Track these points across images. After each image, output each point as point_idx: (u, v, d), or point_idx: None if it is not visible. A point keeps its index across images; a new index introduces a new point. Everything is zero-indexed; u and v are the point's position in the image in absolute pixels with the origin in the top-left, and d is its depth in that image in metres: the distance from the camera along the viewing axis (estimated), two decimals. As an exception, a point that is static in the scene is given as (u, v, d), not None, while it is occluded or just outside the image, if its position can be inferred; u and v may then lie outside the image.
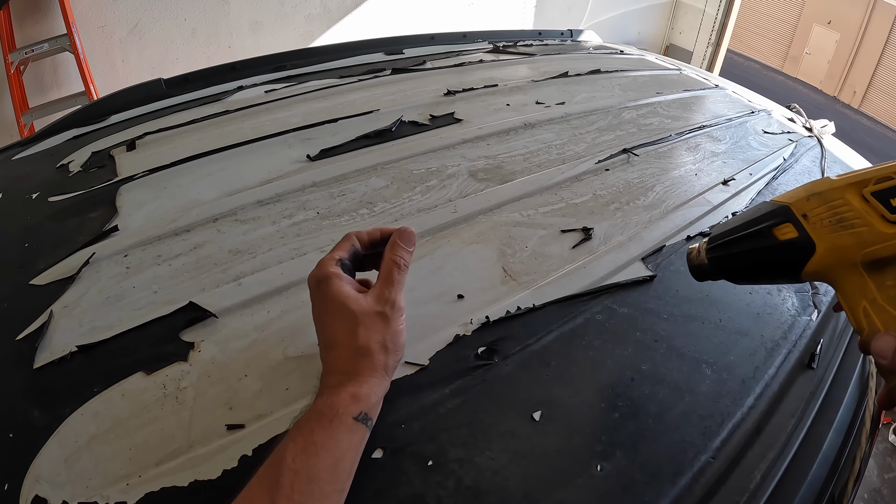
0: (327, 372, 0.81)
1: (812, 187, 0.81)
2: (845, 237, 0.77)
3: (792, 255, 0.82)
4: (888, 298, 0.76)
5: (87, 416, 0.82)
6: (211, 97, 1.85)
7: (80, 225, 1.21)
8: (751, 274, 0.90)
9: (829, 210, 0.78)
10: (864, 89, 17.69)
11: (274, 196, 1.28)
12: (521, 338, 0.99)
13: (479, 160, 1.50)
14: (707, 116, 2.02)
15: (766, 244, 0.83)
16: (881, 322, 0.76)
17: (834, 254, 0.78)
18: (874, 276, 0.77)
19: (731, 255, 0.88)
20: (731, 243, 0.88)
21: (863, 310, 0.78)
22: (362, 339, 0.81)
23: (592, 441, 0.85)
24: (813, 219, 0.79)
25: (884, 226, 0.74)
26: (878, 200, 0.74)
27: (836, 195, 0.78)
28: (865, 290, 0.78)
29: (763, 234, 0.84)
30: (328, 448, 0.71)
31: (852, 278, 0.78)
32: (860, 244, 0.76)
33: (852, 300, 0.79)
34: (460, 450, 0.81)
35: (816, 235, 0.79)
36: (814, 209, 0.79)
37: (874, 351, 0.75)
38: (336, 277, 0.84)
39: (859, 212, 0.76)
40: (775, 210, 0.83)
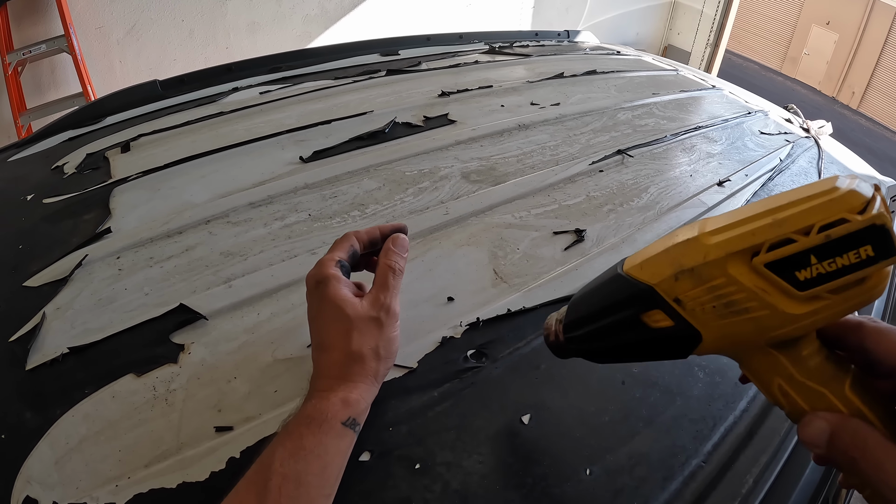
0: (318, 375, 0.81)
1: (678, 259, 0.62)
2: (739, 324, 0.60)
3: (672, 343, 0.66)
4: (807, 372, 0.62)
5: (77, 418, 0.82)
6: (206, 99, 1.85)
7: (74, 227, 1.21)
8: (623, 358, 0.74)
9: (709, 293, 0.60)
10: (862, 90, 17.67)
11: (266, 198, 1.28)
12: (511, 341, 0.99)
13: (472, 162, 1.50)
14: (703, 117, 2.02)
15: (635, 336, 0.68)
16: (804, 401, 0.62)
17: (728, 340, 0.63)
18: (786, 353, 0.62)
19: (595, 346, 0.74)
20: (592, 333, 0.73)
21: (778, 388, 0.64)
22: (356, 344, 0.81)
23: (582, 445, 0.85)
24: (689, 304, 0.62)
25: (790, 305, 0.57)
26: (777, 274, 0.57)
27: (714, 272, 0.59)
28: (777, 367, 0.63)
29: (628, 323, 0.68)
30: (317, 453, 0.71)
31: (758, 357, 0.64)
32: (760, 330, 0.60)
33: (763, 377, 0.65)
34: (448, 453, 0.81)
35: (699, 323, 0.62)
36: (687, 292, 0.62)
37: (803, 439, 0.61)
38: (335, 279, 0.84)
39: (752, 292, 0.58)
40: (637, 293, 0.66)
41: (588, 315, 0.73)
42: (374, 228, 0.94)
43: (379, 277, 0.87)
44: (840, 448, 0.58)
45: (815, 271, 0.55)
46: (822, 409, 0.61)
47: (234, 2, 4.81)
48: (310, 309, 0.86)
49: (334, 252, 0.88)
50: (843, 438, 0.58)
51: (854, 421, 0.59)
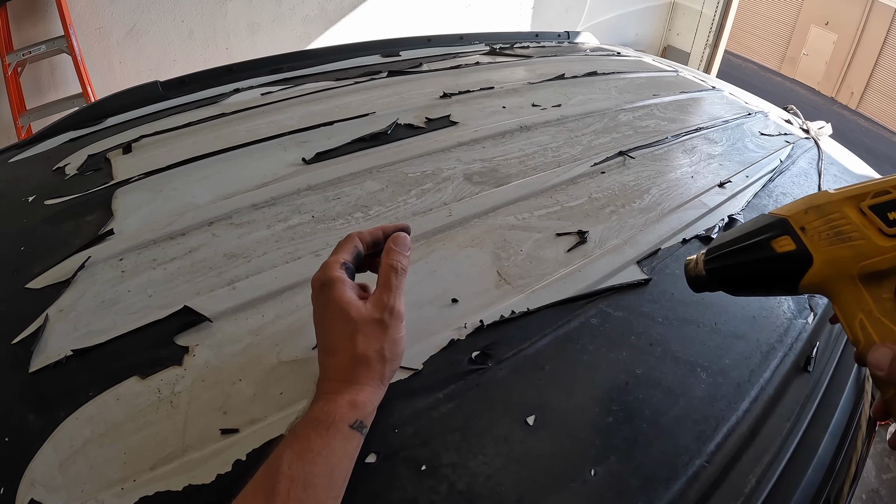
0: (325, 378, 0.81)
1: (810, 200, 0.81)
2: (842, 250, 0.77)
3: (789, 268, 0.81)
4: (885, 311, 0.76)
5: (82, 421, 0.82)
6: (207, 100, 1.85)
7: (76, 228, 1.20)
8: (748, 285, 0.88)
9: (827, 223, 0.78)
10: (861, 90, 17.67)
11: (269, 199, 1.28)
12: (515, 342, 0.99)
13: (475, 163, 1.50)
14: (703, 118, 2.02)
15: (763, 256, 0.83)
16: (877, 334, 0.76)
17: (831, 266, 0.78)
18: (871, 289, 0.77)
19: (729, 266, 0.87)
20: (729, 255, 0.87)
21: (859, 322, 0.78)
22: (361, 347, 0.81)
23: (586, 445, 0.85)
24: (811, 231, 0.79)
25: (881, 239, 0.75)
26: (875, 214, 0.75)
27: (833, 208, 0.78)
28: (862, 302, 0.77)
29: (761, 246, 0.83)
30: (324, 455, 0.71)
31: (849, 291, 0.78)
32: (857, 257, 0.76)
33: (849, 312, 0.79)
34: (454, 454, 0.81)
35: (814, 248, 0.79)
36: (811, 222, 0.80)
37: (870, 363, 0.75)
38: (340, 282, 0.84)
39: (857, 225, 0.76)
40: (773, 223, 0.83)
41: (731, 241, 0.88)
42: (376, 229, 0.94)
43: (382, 278, 0.87)
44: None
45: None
46: (891, 342, 0.74)
47: (233, 3, 4.80)
48: (315, 312, 0.86)
49: (338, 254, 0.88)
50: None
51: None
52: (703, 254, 0.92)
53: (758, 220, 0.86)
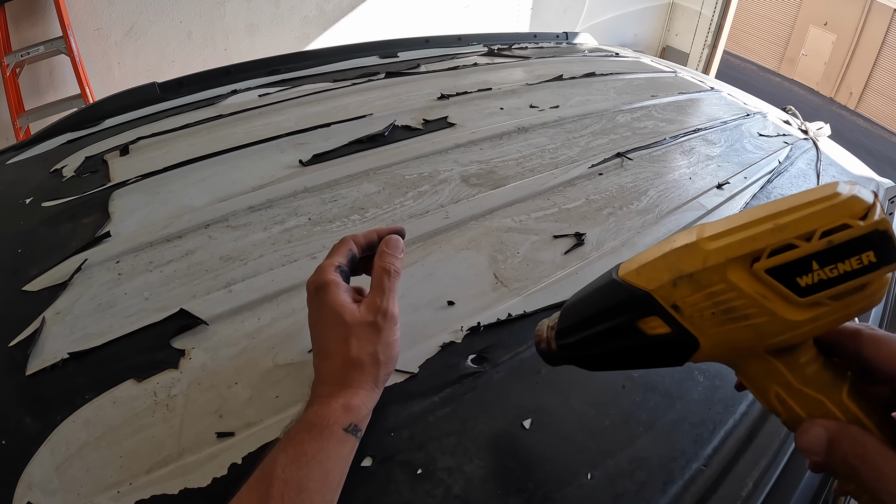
0: (319, 381, 0.82)
1: (676, 264, 0.61)
2: (737, 331, 0.59)
3: (668, 350, 0.64)
4: (806, 379, 0.61)
5: (78, 424, 0.82)
6: (205, 101, 1.84)
7: (73, 230, 1.20)
8: (617, 365, 0.73)
9: (708, 299, 0.59)
10: (860, 90, 17.69)
11: (266, 202, 1.28)
12: (511, 345, 0.99)
13: (472, 165, 1.50)
14: (702, 119, 2.02)
15: (630, 342, 0.66)
16: (801, 408, 0.61)
17: (726, 347, 0.61)
18: (784, 360, 0.61)
19: (588, 351, 0.72)
20: (586, 340, 0.71)
21: (775, 395, 0.63)
22: (355, 350, 0.81)
23: (583, 449, 0.85)
24: (687, 310, 0.61)
25: (790, 311, 0.56)
26: (778, 280, 0.56)
27: (713, 278, 0.58)
28: (775, 374, 0.62)
29: (623, 329, 0.66)
30: (319, 459, 0.71)
31: (755, 364, 0.62)
32: (759, 336, 0.59)
33: (760, 385, 0.63)
34: (449, 458, 0.81)
35: (696, 330, 0.61)
36: (686, 298, 0.60)
37: (801, 447, 0.60)
38: (334, 285, 0.84)
39: (753, 299, 0.57)
40: (633, 298, 0.64)
41: (581, 321, 0.72)
42: (371, 232, 0.94)
43: (375, 281, 0.87)
44: (839, 455, 0.58)
45: (816, 277, 0.54)
46: (820, 416, 0.60)
47: (232, 3, 4.80)
48: (310, 315, 0.86)
49: (333, 257, 0.88)
50: (842, 445, 0.57)
51: (852, 427, 0.58)
52: (553, 327, 0.77)
53: (611, 289, 0.68)
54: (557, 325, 0.76)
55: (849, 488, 0.61)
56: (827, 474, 0.87)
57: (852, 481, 0.59)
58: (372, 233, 0.94)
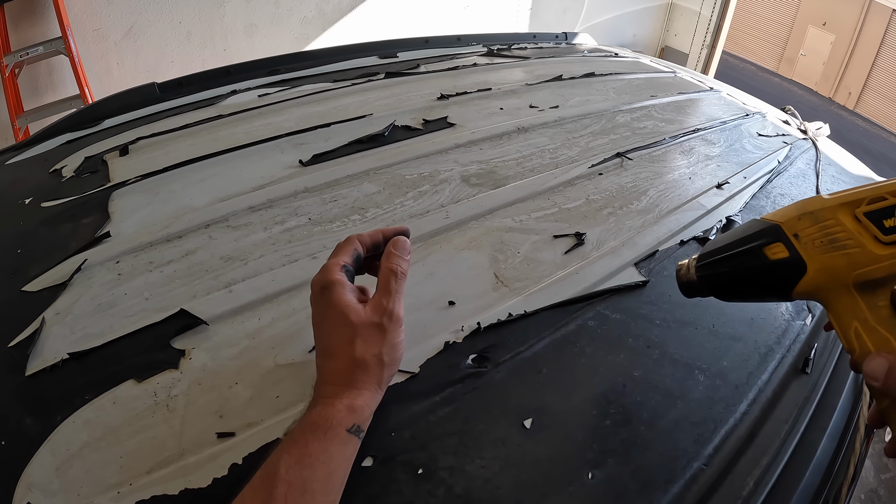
0: (322, 381, 0.81)
1: (804, 206, 0.79)
2: (837, 258, 0.75)
3: (782, 275, 0.80)
4: (879, 319, 0.75)
5: (78, 424, 0.82)
6: (205, 101, 1.84)
7: (73, 231, 1.20)
8: (741, 292, 0.88)
9: (821, 230, 0.76)
10: (859, 91, 17.69)
11: (266, 202, 1.28)
12: (512, 345, 0.99)
13: (472, 165, 1.50)
14: (701, 119, 2.02)
15: (756, 263, 0.82)
16: (872, 343, 0.75)
17: (825, 274, 0.77)
18: (866, 297, 0.75)
19: (721, 273, 0.87)
20: (721, 261, 0.86)
21: (854, 330, 0.76)
22: (359, 351, 0.80)
23: (584, 449, 0.85)
24: (804, 238, 0.78)
25: (876, 247, 0.73)
26: (870, 221, 0.73)
27: (828, 215, 0.76)
28: (857, 310, 0.76)
29: (753, 252, 0.82)
30: (322, 460, 0.71)
31: (843, 299, 0.77)
32: (852, 265, 0.74)
33: (843, 320, 0.77)
34: (451, 458, 0.81)
35: (807, 255, 0.77)
36: (805, 229, 0.78)
37: (866, 372, 0.73)
38: (339, 285, 0.83)
39: (851, 232, 0.74)
40: (766, 229, 0.82)
41: (722, 247, 0.87)
42: (376, 231, 0.93)
43: (381, 282, 0.87)
44: (894, 381, 0.70)
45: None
46: (886, 351, 0.73)
47: (231, 4, 4.80)
48: (314, 314, 0.85)
49: (338, 256, 0.87)
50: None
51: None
52: (695, 259, 0.91)
53: (750, 225, 0.85)
54: (701, 252, 0.91)
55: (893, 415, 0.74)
56: (829, 473, 0.89)
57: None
58: (377, 233, 0.93)
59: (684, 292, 0.94)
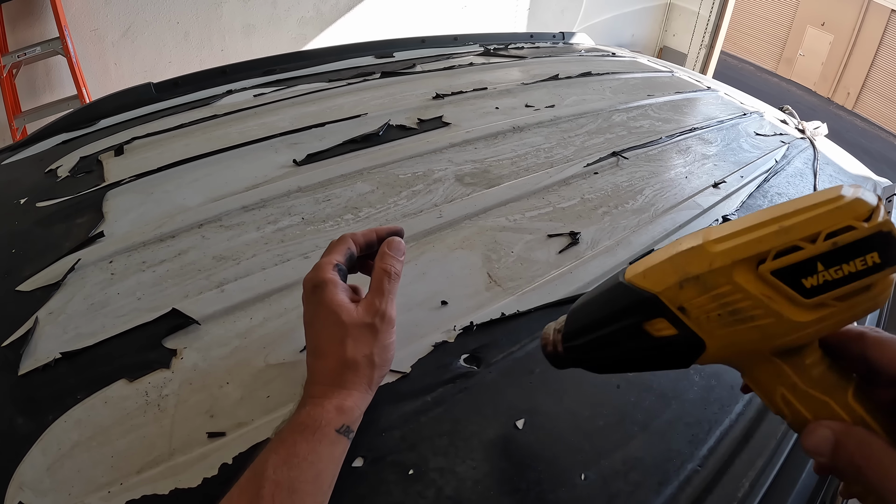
0: (312, 381, 0.81)
1: (683, 267, 0.62)
2: (744, 333, 0.60)
3: (675, 351, 0.65)
4: (812, 381, 0.61)
5: (70, 424, 0.81)
6: (200, 101, 1.84)
7: (67, 231, 1.20)
8: (624, 368, 0.73)
9: (714, 300, 0.60)
10: (857, 91, 17.75)
11: (259, 201, 1.28)
12: (505, 345, 0.99)
13: (466, 164, 1.50)
14: (698, 119, 2.02)
15: (636, 344, 0.67)
16: (807, 410, 0.62)
17: (732, 349, 0.62)
18: (790, 361, 0.61)
19: (595, 356, 0.73)
20: (593, 342, 0.71)
21: (781, 397, 0.63)
22: (350, 351, 0.80)
23: (576, 450, 0.84)
24: (694, 312, 0.61)
25: (796, 313, 0.57)
26: (783, 282, 0.56)
27: (719, 280, 0.59)
28: (781, 376, 0.62)
29: (630, 330, 0.66)
30: (310, 460, 0.71)
31: (761, 366, 0.63)
32: (765, 338, 0.59)
33: (767, 387, 0.64)
34: (441, 459, 0.80)
35: (703, 331, 0.62)
36: (692, 300, 0.61)
37: (807, 448, 0.60)
38: (332, 284, 0.83)
39: (759, 300, 0.58)
40: (641, 301, 0.65)
41: (588, 324, 0.72)
42: (370, 231, 0.93)
43: (374, 282, 0.86)
44: (844, 456, 0.58)
45: (821, 278, 0.55)
46: (826, 417, 0.61)
47: (229, 4, 4.81)
48: (306, 313, 0.85)
49: (331, 255, 0.87)
50: (848, 446, 0.58)
51: (858, 429, 0.58)
52: (560, 330, 0.77)
53: (618, 292, 0.68)
54: (564, 327, 0.76)
55: (855, 490, 0.61)
56: (825, 476, 0.88)
57: (858, 483, 0.59)
58: (371, 232, 0.93)
59: (554, 365, 0.80)
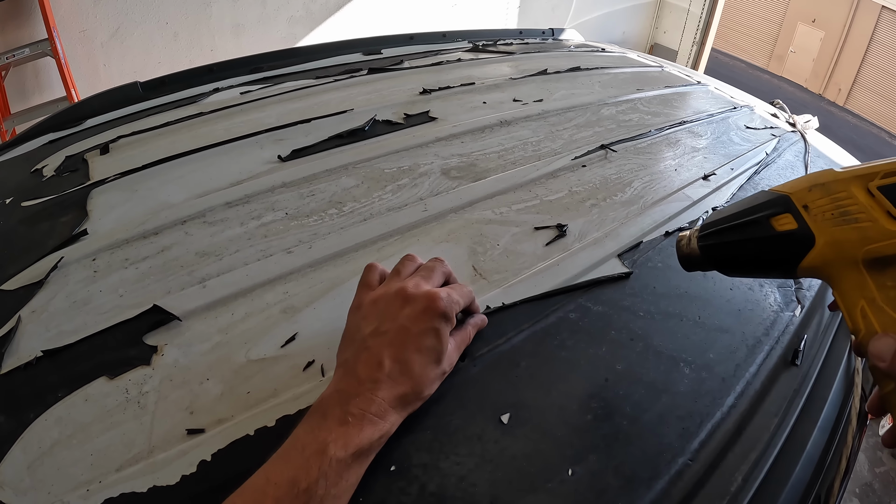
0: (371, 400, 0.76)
1: (815, 178, 0.78)
2: (847, 232, 0.73)
3: (789, 248, 0.78)
4: (888, 299, 0.72)
5: (50, 422, 0.81)
6: (187, 99, 1.84)
7: (51, 229, 1.19)
8: (744, 265, 0.86)
9: (832, 202, 0.75)
10: (848, 87, 17.89)
11: (243, 197, 1.27)
12: (490, 338, 0.98)
13: (453, 158, 1.49)
14: (688, 112, 2.02)
15: (762, 234, 0.80)
16: (879, 324, 0.72)
17: (834, 248, 0.75)
18: (874, 275, 0.73)
19: (724, 244, 0.85)
20: (725, 231, 0.85)
21: (860, 310, 0.74)
22: (425, 390, 0.82)
23: (564, 444, 0.83)
24: (814, 210, 0.76)
25: (889, 223, 0.70)
26: (884, 196, 0.71)
27: (840, 187, 0.75)
28: (864, 289, 0.74)
29: (760, 223, 0.80)
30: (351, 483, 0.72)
31: (851, 276, 0.75)
32: (863, 240, 0.72)
33: (850, 299, 0.75)
34: (425, 454, 0.79)
35: (817, 228, 0.76)
36: (815, 200, 0.76)
37: (871, 353, 0.71)
38: (451, 326, 0.85)
39: (864, 206, 0.72)
40: (774, 199, 0.80)
41: (727, 216, 0.85)
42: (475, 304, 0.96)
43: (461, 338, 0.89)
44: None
45: None
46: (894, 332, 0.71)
47: (218, 4, 4.80)
48: (413, 325, 0.82)
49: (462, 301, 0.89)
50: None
51: None
52: (697, 230, 0.90)
53: (757, 196, 0.84)
54: (703, 222, 0.90)
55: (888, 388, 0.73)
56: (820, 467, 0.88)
57: None
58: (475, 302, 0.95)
59: (684, 265, 0.93)
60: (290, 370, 0.89)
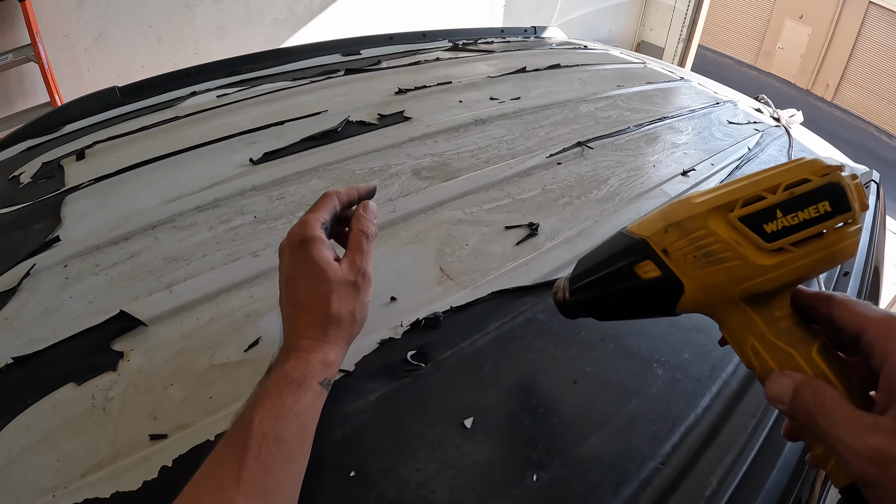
0: (296, 334, 0.82)
1: (669, 215, 0.71)
2: (715, 274, 0.67)
3: (659, 294, 0.73)
4: (778, 333, 0.67)
5: (19, 429, 0.81)
6: (163, 104, 1.84)
7: (26, 236, 1.20)
8: (622, 312, 0.81)
9: (691, 244, 0.68)
10: (836, 82, 17.98)
11: (213, 201, 1.28)
12: (453, 341, 0.98)
13: (425, 158, 1.49)
14: (669, 108, 2.03)
15: (629, 285, 0.75)
16: (773, 360, 0.67)
17: (706, 291, 0.69)
18: (759, 311, 0.68)
19: (595, 296, 0.82)
20: (593, 285, 0.81)
21: (751, 347, 0.69)
22: (335, 307, 0.83)
23: (528, 449, 0.83)
24: (674, 254, 0.70)
25: (759, 256, 0.65)
26: (748, 227, 0.65)
27: (697, 224, 0.68)
28: (751, 325, 0.69)
29: (623, 273, 0.75)
30: (296, 411, 0.73)
31: (734, 314, 0.69)
32: (733, 280, 0.66)
33: (738, 337, 0.70)
34: (384, 460, 0.80)
35: (681, 273, 0.70)
36: (673, 243, 0.70)
37: (769, 395, 0.66)
38: (320, 241, 0.85)
39: (727, 243, 0.66)
40: (631, 245, 0.74)
41: (591, 268, 0.81)
42: (352, 189, 0.96)
43: (353, 242, 0.90)
44: (801, 404, 0.62)
45: (780, 224, 0.64)
46: (790, 369, 0.66)
47: (201, 7, 4.79)
48: (289, 266, 0.87)
49: (318, 212, 0.89)
50: (805, 395, 0.62)
51: (816, 380, 0.63)
52: (567, 279, 0.87)
53: (616, 240, 0.79)
54: (571, 273, 0.86)
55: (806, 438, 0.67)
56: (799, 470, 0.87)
57: (811, 430, 0.63)
58: (353, 190, 0.96)
59: (564, 314, 0.90)
60: (253, 375, 0.90)
